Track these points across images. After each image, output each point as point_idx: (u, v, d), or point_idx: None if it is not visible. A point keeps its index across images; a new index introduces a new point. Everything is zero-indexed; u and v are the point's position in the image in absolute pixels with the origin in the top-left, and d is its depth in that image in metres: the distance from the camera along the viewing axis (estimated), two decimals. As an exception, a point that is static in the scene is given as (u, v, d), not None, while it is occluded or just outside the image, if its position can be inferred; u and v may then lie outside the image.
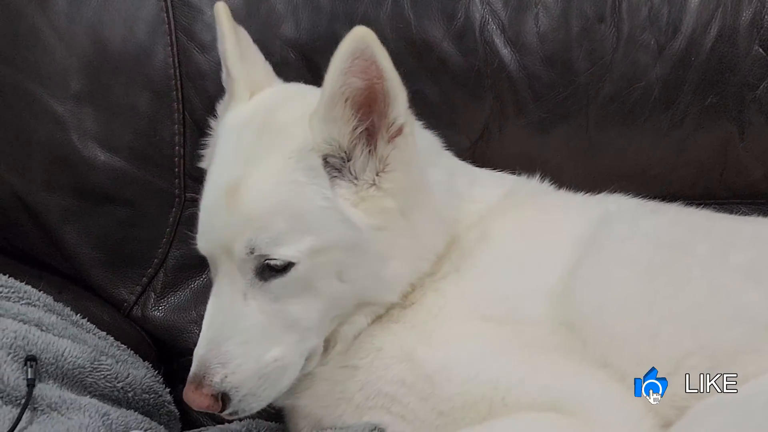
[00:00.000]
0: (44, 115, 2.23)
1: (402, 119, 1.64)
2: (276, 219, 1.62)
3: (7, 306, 1.97)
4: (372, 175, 1.66)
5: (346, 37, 1.54)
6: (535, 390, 1.60)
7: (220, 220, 1.67)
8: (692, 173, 2.24)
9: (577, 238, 1.77)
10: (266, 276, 1.64)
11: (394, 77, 1.58)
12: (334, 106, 1.60)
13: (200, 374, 1.65)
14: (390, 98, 1.60)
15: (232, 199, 1.64)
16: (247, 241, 1.62)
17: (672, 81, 2.18)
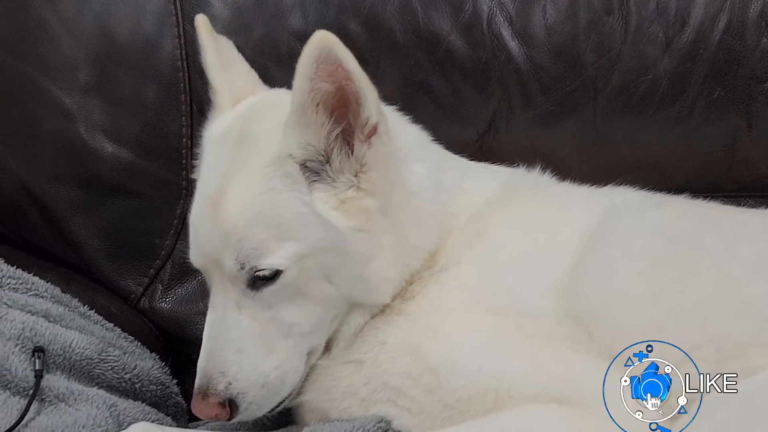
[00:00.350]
0: (52, 106, 2.23)
1: (375, 118, 1.64)
2: (257, 229, 1.63)
3: (14, 297, 1.97)
4: (350, 176, 1.66)
5: (307, 43, 1.54)
6: (541, 382, 1.60)
7: (205, 234, 1.69)
8: (700, 166, 2.23)
9: (583, 231, 1.76)
10: (257, 285, 1.66)
11: (362, 78, 1.58)
12: (306, 112, 1.60)
13: (204, 385, 1.67)
14: (361, 98, 1.60)
15: (215, 213, 1.65)
16: (234, 254, 1.63)
17: (680, 74, 2.17)
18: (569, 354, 1.63)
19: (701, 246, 1.72)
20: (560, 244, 1.76)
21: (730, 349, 1.56)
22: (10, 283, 2.02)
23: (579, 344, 1.63)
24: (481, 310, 1.70)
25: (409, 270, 1.75)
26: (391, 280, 1.73)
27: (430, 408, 1.66)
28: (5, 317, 1.87)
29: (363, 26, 2.21)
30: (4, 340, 1.82)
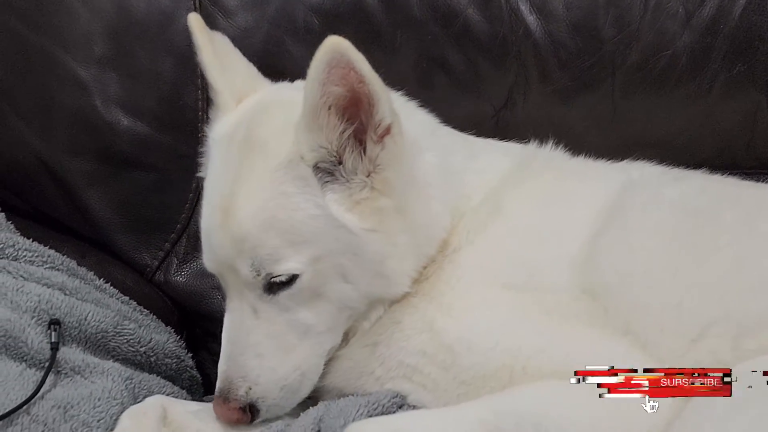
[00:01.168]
0: (68, 79, 2.24)
1: (388, 119, 1.62)
2: (270, 235, 1.62)
3: (31, 270, 1.98)
4: (363, 176, 1.65)
5: (319, 48, 1.52)
6: (556, 358, 1.59)
7: (218, 241, 1.67)
8: (719, 142, 2.22)
9: (599, 206, 1.75)
10: (274, 289, 1.65)
11: (375, 80, 1.56)
12: (317, 115, 1.58)
13: (225, 390, 1.69)
14: (374, 100, 1.58)
15: (226, 220, 1.64)
16: (248, 262, 1.63)
17: (700, 49, 2.16)
18: (585, 330, 1.62)
19: (720, 221, 1.70)
20: (576, 219, 1.75)
21: (748, 325, 1.55)
22: (27, 256, 2.03)
23: (595, 320, 1.62)
24: (496, 286, 1.69)
25: (425, 258, 1.75)
26: (408, 273, 1.73)
27: (445, 385, 1.66)
28: (21, 290, 1.88)
29: (380, 0, 2.20)
30: (20, 313, 1.83)
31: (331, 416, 1.64)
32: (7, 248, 2.01)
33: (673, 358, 1.56)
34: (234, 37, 2.17)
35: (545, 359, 1.59)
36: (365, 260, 1.67)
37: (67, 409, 1.68)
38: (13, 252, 2.01)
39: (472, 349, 1.63)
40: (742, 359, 1.53)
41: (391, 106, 1.62)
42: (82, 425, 1.66)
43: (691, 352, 1.57)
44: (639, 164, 1.93)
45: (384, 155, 1.64)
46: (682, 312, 1.59)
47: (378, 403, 1.66)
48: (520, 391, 1.57)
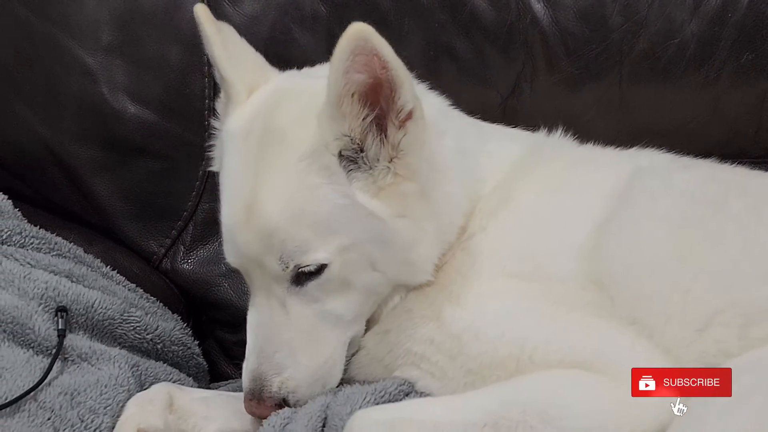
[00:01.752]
0: (75, 67, 2.24)
1: (411, 104, 1.61)
2: (299, 227, 1.61)
3: (38, 257, 1.98)
4: (386, 162, 1.64)
5: (343, 36, 1.51)
6: (563, 348, 1.59)
7: (244, 237, 1.66)
8: (726, 131, 2.21)
9: (608, 193, 1.75)
10: (302, 281, 1.64)
11: (398, 65, 1.55)
12: (341, 103, 1.57)
13: (257, 388, 1.68)
14: (396, 85, 1.57)
15: (251, 216, 1.63)
16: (277, 255, 1.62)
17: (707, 38, 2.15)
18: (592, 320, 1.62)
19: (728, 210, 1.70)
20: (585, 207, 1.74)
21: (755, 314, 1.55)
22: (34, 243, 2.03)
23: (602, 310, 1.62)
24: (505, 275, 1.69)
25: (447, 245, 1.74)
26: (433, 259, 1.72)
27: (452, 373, 1.67)
28: (28, 277, 1.88)
29: (387, -12, 2.20)
30: (27, 300, 1.83)
31: (338, 403, 1.65)
32: (14, 235, 2.01)
33: (680, 347, 1.57)
34: (241, 25, 2.18)
35: (551, 349, 1.59)
36: (394, 247, 1.66)
37: (74, 395, 1.68)
38: (20, 239, 2.02)
39: (479, 339, 1.64)
40: (748, 348, 1.53)
41: (414, 91, 1.61)
42: (89, 412, 1.67)
43: (697, 342, 1.57)
44: (648, 152, 1.92)
45: (406, 140, 1.63)
46: (688, 301, 1.59)
47: (385, 391, 1.67)
48: (525, 381, 1.57)
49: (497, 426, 1.49)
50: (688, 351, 1.56)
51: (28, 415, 1.62)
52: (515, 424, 1.48)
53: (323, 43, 2.21)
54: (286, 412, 1.66)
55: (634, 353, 1.57)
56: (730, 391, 1.43)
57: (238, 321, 2.29)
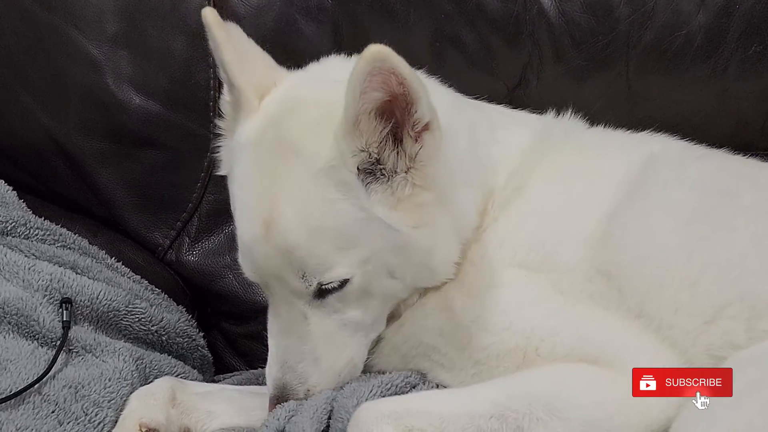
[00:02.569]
0: (79, 57, 2.23)
1: (428, 116, 1.58)
2: (318, 243, 1.59)
3: (42, 248, 1.98)
4: (403, 173, 1.61)
5: (360, 58, 1.48)
6: (569, 341, 1.59)
7: (263, 253, 1.64)
8: (733, 123, 2.20)
9: (619, 181, 1.74)
10: (323, 294, 1.64)
11: (414, 79, 1.53)
12: (359, 122, 1.55)
13: (283, 396, 1.68)
14: (413, 99, 1.55)
15: (270, 232, 1.61)
16: (298, 272, 1.61)
17: (715, 29, 2.14)
18: (599, 312, 1.61)
19: (739, 202, 1.69)
20: (595, 195, 1.73)
21: (763, 307, 1.54)
22: (38, 234, 2.03)
23: (609, 301, 1.62)
24: (514, 265, 1.69)
25: (463, 245, 1.73)
26: (453, 259, 1.71)
27: (461, 364, 1.67)
28: (33, 268, 1.88)
29: (393, -22, 2.19)
30: (32, 291, 1.83)
31: (344, 396, 1.65)
32: (18, 227, 2.01)
33: (687, 340, 1.56)
34: (246, 16, 2.18)
35: (557, 342, 1.59)
36: (412, 255, 1.65)
37: (78, 388, 1.68)
38: (24, 230, 2.02)
39: (487, 330, 1.64)
40: (755, 341, 1.53)
41: (430, 103, 1.58)
42: (93, 405, 1.67)
43: (704, 334, 1.56)
44: (660, 137, 1.91)
45: (423, 152, 1.61)
46: (697, 292, 1.58)
47: (391, 383, 1.67)
48: (532, 373, 1.57)
49: (504, 417, 1.49)
50: (696, 343, 1.56)
51: (33, 408, 1.62)
52: (521, 416, 1.48)
53: (329, 34, 2.21)
54: (291, 404, 1.66)
55: (640, 347, 1.57)
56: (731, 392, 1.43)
57: (243, 313, 2.30)
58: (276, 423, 1.61)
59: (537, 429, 1.48)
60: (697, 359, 1.55)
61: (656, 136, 1.92)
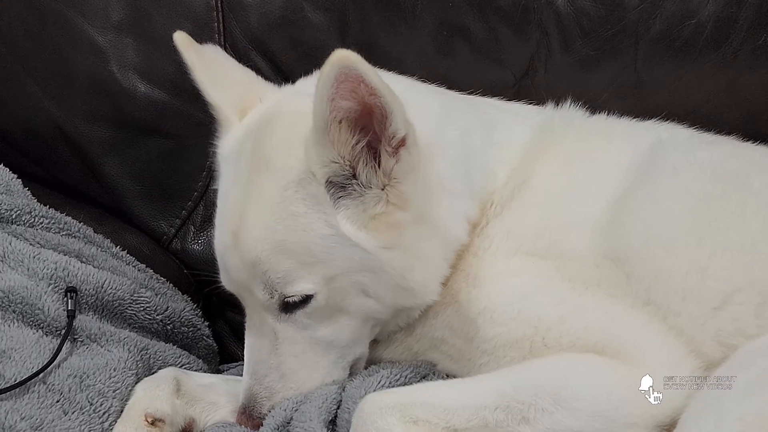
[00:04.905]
0: (85, 45, 2.23)
1: (402, 131, 1.55)
2: (280, 258, 1.59)
3: (47, 237, 1.98)
4: (378, 189, 1.60)
5: (326, 63, 1.46)
6: (576, 330, 1.59)
7: (232, 264, 1.66)
8: (743, 113, 2.19)
9: (626, 165, 1.73)
10: (289, 309, 1.64)
11: (386, 91, 1.49)
12: (327, 130, 1.53)
13: (250, 406, 1.69)
14: (387, 112, 1.52)
15: (237, 244, 1.62)
16: (261, 285, 1.61)
17: (725, 18, 2.12)
18: (606, 300, 1.61)
19: (749, 187, 1.68)
20: (601, 181, 1.73)
21: None
22: (43, 223, 2.03)
23: (616, 288, 1.62)
24: (520, 253, 1.69)
25: (454, 253, 1.72)
26: (436, 279, 1.70)
27: (469, 355, 1.67)
28: (38, 257, 1.88)
29: (400, -33, 2.18)
30: (36, 280, 1.83)
31: (353, 386, 1.66)
32: (23, 215, 2.01)
33: (695, 326, 1.56)
34: (252, 4, 2.17)
35: (564, 331, 1.59)
36: (384, 277, 1.64)
37: (83, 378, 1.68)
38: (29, 218, 2.01)
39: (495, 320, 1.64)
40: (765, 328, 1.53)
41: (405, 117, 1.55)
42: (97, 395, 1.67)
43: (713, 320, 1.56)
44: (667, 125, 1.91)
45: (399, 168, 1.59)
46: (706, 278, 1.58)
47: (400, 375, 1.68)
48: (537, 364, 1.57)
49: (509, 408, 1.49)
50: (703, 330, 1.56)
51: (38, 397, 1.62)
52: (527, 406, 1.48)
53: (336, 23, 2.20)
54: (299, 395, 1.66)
55: (647, 336, 1.57)
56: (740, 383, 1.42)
57: (248, 302, 2.29)
58: (283, 414, 1.62)
59: (543, 420, 1.48)
60: (705, 347, 1.55)
61: (663, 124, 1.91)
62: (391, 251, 1.62)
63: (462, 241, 1.72)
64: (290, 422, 1.60)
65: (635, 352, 1.54)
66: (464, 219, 1.72)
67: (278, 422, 1.61)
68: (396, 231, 1.62)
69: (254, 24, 2.18)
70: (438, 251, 1.69)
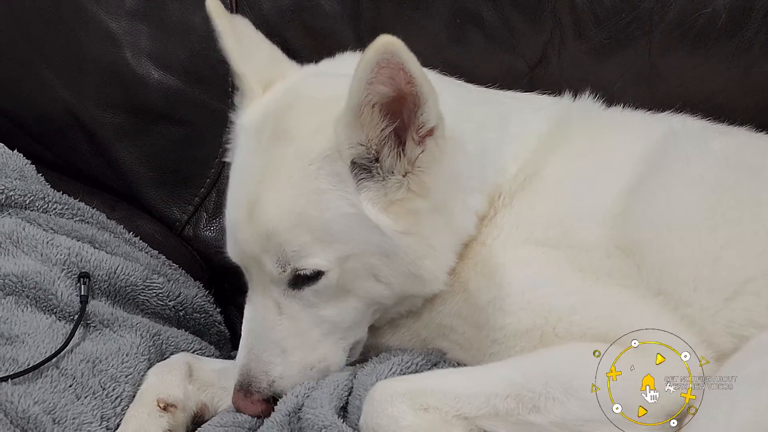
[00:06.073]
0: (98, 32, 2.23)
1: (433, 121, 1.57)
2: (298, 232, 1.59)
3: (61, 222, 1.98)
4: (400, 176, 1.60)
5: (369, 47, 1.47)
6: (587, 320, 1.58)
7: (244, 235, 1.65)
8: (757, 102, 2.17)
9: (638, 156, 1.72)
10: (299, 284, 1.63)
11: (424, 81, 1.51)
12: (361, 113, 1.54)
13: (246, 383, 1.67)
14: (420, 101, 1.54)
15: (253, 215, 1.61)
16: (274, 258, 1.60)
17: (740, 7, 2.10)
18: (617, 291, 1.60)
19: (762, 177, 1.67)
20: (613, 170, 1.72)
21: None
22: (56, 208, 2.04)
23: (628, 278, 1.61)
24: (531, 242, 1.68)
25: (462, 245, 1.72)
26: (445, 269, 1.70)
27: (478, 344, 1.67)
28: (51, 242, 1.89)
29: (414, -46, 2.17)
30: (50, 265, 1.84)
31: (365, 373, 1.66)
32: (37, 200, 2.02)
33: (705, 317, 1.55)
34: (265, -9, 2.16)
35: (575, 321, 1.59)
36: (398, 262, 1.64)
37: (96, 363, 1.69)
38: (43, 204, 2.02)
39: (505, 309, 1.63)
40: (776, 319, 1.52)
41: (438, 109, 1.57)
42: (110, 380, 1.67)
43: (725, 311, 1.55)
44: (680, 117, 1.90)
45: (424, 157, 1.60)
46: (718, 268, 1.57)
47: (411, 362, 1.68)
48: (548, 353, 1.57)
49: (520, 397, 1.49)
50: (715, 320, 1.55)
51: (51, 381, 1.63)
52: (538, 395, 1.48)
53: (349, 11, 2.19)
54: (311, 381, 1.66)
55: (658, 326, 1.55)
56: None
57: (260, 289, 2.30)
58: (295, 400, 1.62)
59: (554, 409, 1.47)
60: (717, 337, 1.54)
61: (676, 116, 1.91)
62: (407, 237, 1.62)
63: (470, 234, 1.72)
64: (302, 408, 1.60)
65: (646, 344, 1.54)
66: (474, 213, 1.72)
67: (290, 408, 1.61)
68: (413, 218, 1.62)
69: (267, 11, 2.18)
70: (449, 242, 1.69)
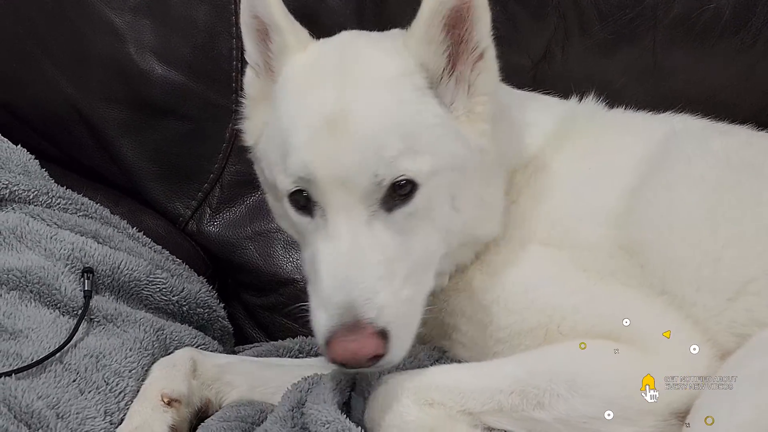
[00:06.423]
0: (102, 27, 2.23)
1: (484, 43, 1.60)
2: (394, 139, 1.53)
3: (64, 217, 1.98)
4: (463, 100, 1.62)
5: None
6: (591, 318, 1.58)
7: (329, 152, 1.54)
8: (761, 99, 2.18)
9: (640, 155, 1.72)
10: (390, 206, 1.55)
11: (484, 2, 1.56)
12: (432, 25, 1.56)
13: (351, 318, 1.46)
14: (474, 19, 1.56)
15: (341, 128, 1.54)
16: (371, 168, 1.52)
17: (744, 4, 2.11)
18: (621, 289, 1.60)
19: (764, 176, 1.67)
20: (616, 171, 1.72)
21: None
22: (60, 204, 2.03)
23: (631, 278, 1.61)
24: (534, 242, 1.68)
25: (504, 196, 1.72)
26: (500, 209, 1.70)
27: (482, 343, 1.66)
28: (55, 237, 1.89)
29: (416, -51, 2.17)
30: (54, 260, 1.84)
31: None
32: (41, 195, 2.02)
33: (709, 317, 1.55)
34: (270, -14, 2.15)
35: (579, 320, 1.58)
36: (472, 180, 1.63)
37: (99, 358, 1.69)
38: (47, 199, 2.02)
39: (509, 309, 1.63)
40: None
41: (489, 32, 1.60)
42: (114, 375, 1.67)
43: (727, 311, 1.55)
44: (681, 117, 1.90)
45: (479, 81, 1.62)
46: (720, 268, 1.56)
47: (414, 357, 1.67)
48: (553, 350, 1.56)
49: (524, 393, 1.49)
50: (719, 320, 1.55)
51: (54, 376, 1.63)
52: (542, 392, 1.48)
53: (353, 6, 2.20)
54: (314, 376, 1.65)
55: (662, 324, 1.55)
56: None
57: (263, 284, 2.31)
58: (298, 395, 1.61)
59: (558, 405, 1.47)
60: (721, 337, 1.54)
61: (678, 116, 1.90)
62: (481, 154, 1.63)
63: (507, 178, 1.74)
64: (304, 404, 1.59)
65: (650, 340, 1.53)
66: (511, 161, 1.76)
67: (292, 403, 1.60)
68: (482, 137, 1.63)
69: (272, 6, 2.18)
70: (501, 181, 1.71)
